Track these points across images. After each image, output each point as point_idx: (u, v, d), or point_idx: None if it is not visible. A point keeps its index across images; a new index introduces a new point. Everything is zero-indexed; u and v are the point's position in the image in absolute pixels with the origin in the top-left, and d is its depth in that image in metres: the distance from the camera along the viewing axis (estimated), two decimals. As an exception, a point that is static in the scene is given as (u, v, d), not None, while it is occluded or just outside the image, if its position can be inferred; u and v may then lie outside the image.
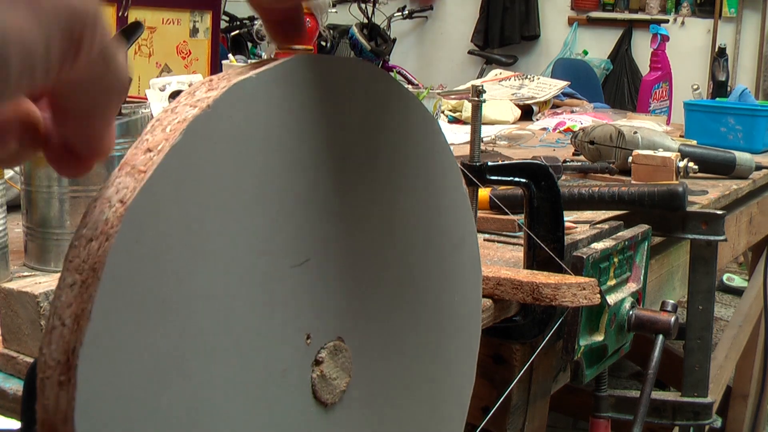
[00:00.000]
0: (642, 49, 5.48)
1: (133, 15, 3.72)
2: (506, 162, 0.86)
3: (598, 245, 0.93)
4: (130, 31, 0.84)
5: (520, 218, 0.90)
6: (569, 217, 1.10)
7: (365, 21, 5.11)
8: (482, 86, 0.89)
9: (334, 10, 4.98)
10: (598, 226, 1.02)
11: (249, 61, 2.52)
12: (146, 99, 1.29)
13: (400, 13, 5.64)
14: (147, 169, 0.33)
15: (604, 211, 1.15)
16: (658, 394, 1.19)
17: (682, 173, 1.35)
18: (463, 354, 0.54)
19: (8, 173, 0.99)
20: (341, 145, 0.42)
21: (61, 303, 0.32)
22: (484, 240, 1.05)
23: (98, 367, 0.31)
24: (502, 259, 0.97)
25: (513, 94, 2.53)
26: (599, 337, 0.93)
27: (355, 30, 4.94)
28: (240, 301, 0.37)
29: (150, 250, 0.33)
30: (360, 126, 0.43)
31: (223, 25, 4.44)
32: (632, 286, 1.00)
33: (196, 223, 0.35)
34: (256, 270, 0.38)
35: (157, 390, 0.34)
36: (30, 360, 0.61)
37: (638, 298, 1.01)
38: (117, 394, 0.32)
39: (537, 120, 2.37)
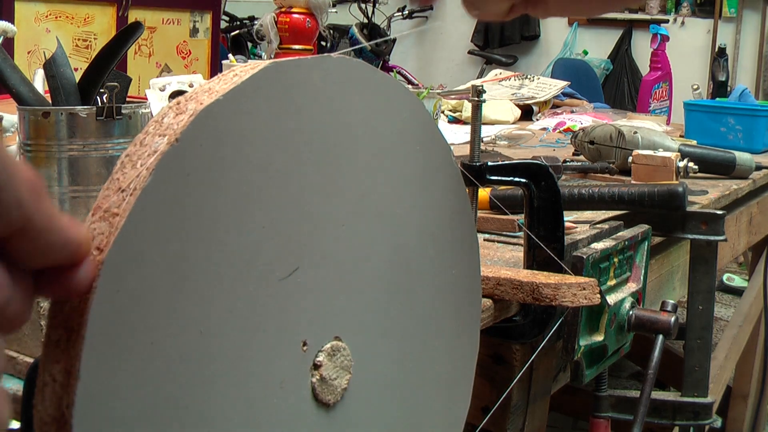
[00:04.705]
0: (642, 49, 5.48)
1: (133, 15, 3.72)
2: (506, 162, 0.86)
3: (598, 245, 0.93)
4: (129, 32, 0.84)
5: (520, 218, 0.90)
6: (569, 217, 1.10)
7: (365, 21, 5.10)
8: (482, 86, 0.89)
9: (334, 10, 4.96)
10: (598, 226, 1.02)
11: (249, 61, 2.52)
12: (146, 99, 1.29)
13: (400, 13, 5.63)
14: (120, 213, 0.32)
15: (604, 211, 1.15)
16: (658, 394, 1.19)
17: (682, 173, 1.35)
18: (466, 333, 0.54)
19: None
20: (322, 148, 0.41)
21: (48, 360, 0.31)
22: (484, 240, 1.05)
23: (94, 420, 0.31)
24: (502, 259, 0.97)
25: (513, 94, 2.53)
26: (599, 337, 0.93)
27: (355, 30, 4.93)
28: (230, 324, 0.37)
29: (132, 297, 0.32)
30: (339, 122, 0.42)
31: (223, 25, 4.44)
32: (632, 286, 1.00)
33: (177, 258, 0.34)
34: (243, 291, 0.37)
35: (156, 429, 0.34)
36: (30, 360, 0.61)
37: (638, 298, 1.01)
38: None
39: (537, 120, 2.37)
